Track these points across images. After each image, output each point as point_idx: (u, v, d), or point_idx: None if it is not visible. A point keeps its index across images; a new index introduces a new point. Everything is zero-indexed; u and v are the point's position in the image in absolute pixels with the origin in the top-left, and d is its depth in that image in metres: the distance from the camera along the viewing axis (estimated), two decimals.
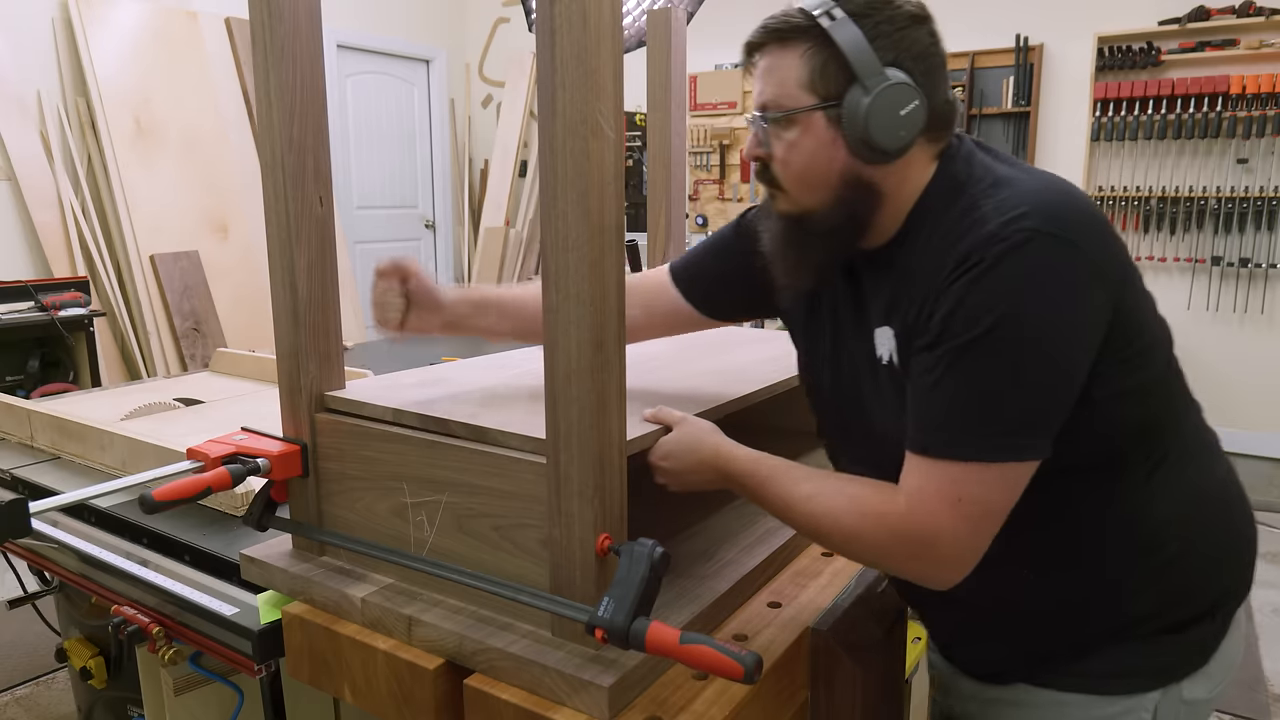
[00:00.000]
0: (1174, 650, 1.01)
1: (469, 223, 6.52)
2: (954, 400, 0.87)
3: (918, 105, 0.91)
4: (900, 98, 0.91)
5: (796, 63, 0.94)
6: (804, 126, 0.94)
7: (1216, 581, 1.04)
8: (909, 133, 0.92)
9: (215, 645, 1.17)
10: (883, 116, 0.90)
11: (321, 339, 1.10)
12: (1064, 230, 0.86)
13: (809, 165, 0.96)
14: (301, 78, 1.04)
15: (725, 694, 0.93)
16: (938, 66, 0.96)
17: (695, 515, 1.32)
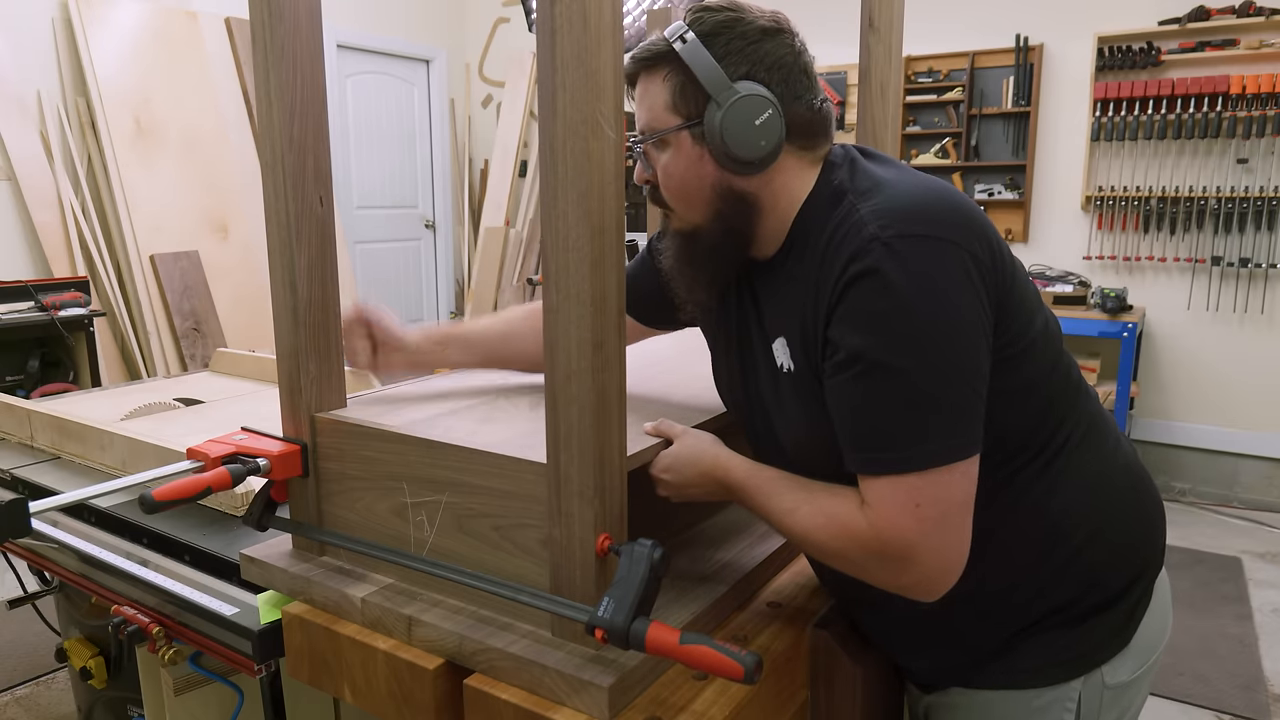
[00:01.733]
0: (1089, 637, 1.02)
1: (469, 223, 6.52)
2: (882, 417, 0.88)
3: (772, 114, 0.95)
4: (752, 109, 0.94)
5: (661, 87, 0.99)
6: (675, 146, 0.99)
7: (1128, 565, 1.05)
8: (768, 141, 0.95)
9: (215, 645, 1.17)
10: (737, 128, 0.94)
11: (321, 339, 1.10)
12: (939, 230, 0.88)
13: (684, 183, 1.00)
14: (301, 77, 1.04)
15: (725, 694, 0.93)
16: (797, 75, 0.98)
17: (695, 516, 1.32)
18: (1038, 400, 0.98)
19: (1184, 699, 2.61)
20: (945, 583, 0.91)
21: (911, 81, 4.97)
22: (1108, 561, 1.03)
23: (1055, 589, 1.01)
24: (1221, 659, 2.83)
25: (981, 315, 0.89)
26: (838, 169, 1.00)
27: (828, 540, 0.93)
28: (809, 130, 0.99)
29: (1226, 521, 4.04)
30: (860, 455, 0.90)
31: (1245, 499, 4.30)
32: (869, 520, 0.89)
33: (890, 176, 0.96)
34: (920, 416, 0.87)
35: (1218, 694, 2.64)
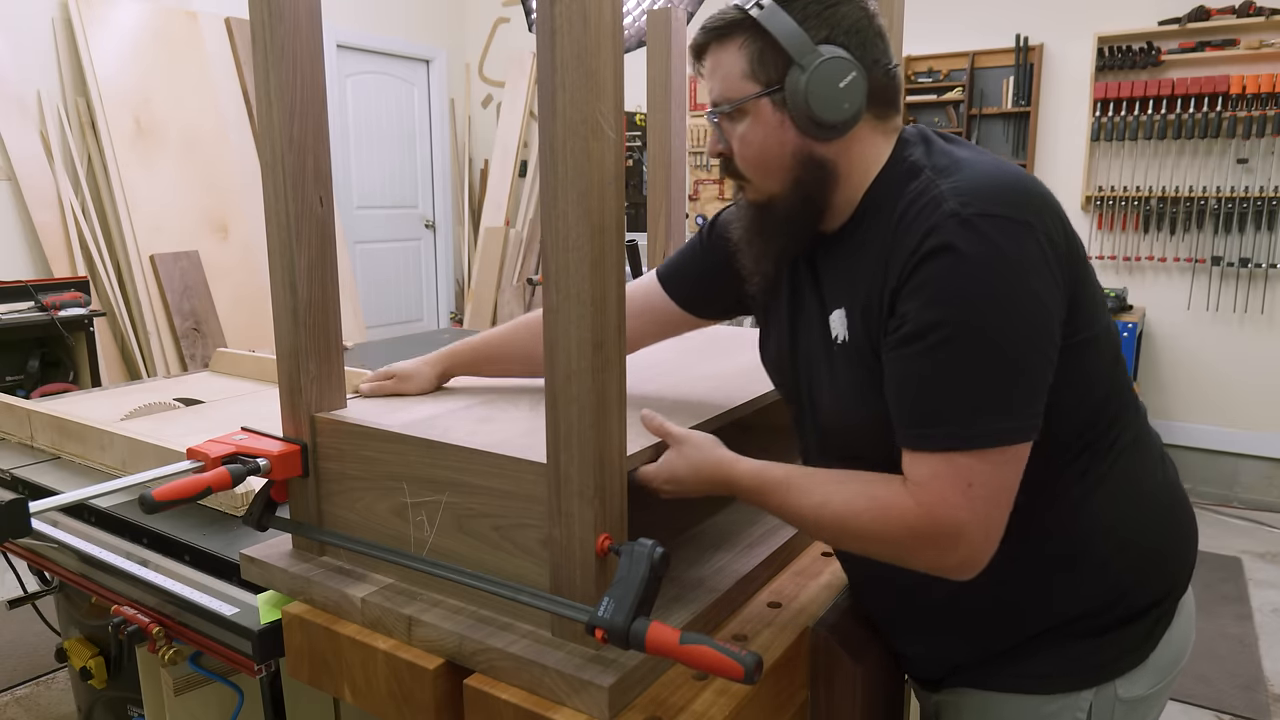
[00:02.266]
0: (1108, 649, 1.01)
1: (469, 223, 6.52)
2: (944, 393, 0.87)
3: (856, 76, 0.94)
4: (837, 70, 0.93)
5: (736, 56, 0.98)
6: (753, 115, 0.98)
7: (1156, 581, 1.03)
8: (851, 104, 0.94)
9: (215, 645, 1.17)
10: (822, 90, 0.93)
11: (321, 339, 1.10)
12: (1018, 211, 0.87)
13: (763, 151, 0.99)
14: (301, 77, 1.04)
15: (725, 694, 0.93)
16: (873, 39, 0.97)
17: (695, 515, 1.32)
18: (1093, 398, 0.97)
19: (1184, 699, 2.61)
20: (983, 563, 0.90)
21: (911, 81, 4.97)
22: (1137, 575, 1.02)
23: (1079, 595, 1.00)
24: (1221, 659, 2.83)
25: (1054, 302, 0.88)
26: (913, 145, 0.99)
27: (869, 525, 0.91)
28: (885, 96, 0.98)
29: (1226, 521, 4.03)
30: (915, 430, 0.89)
31: (1245, 499, 4.30)
32: (917, 500, 0.88)
33: (968, 156, 0.95)
34: (984, 396, 0.86)
35: (1218, 694, 2.64)
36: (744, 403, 1.22)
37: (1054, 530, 0.98)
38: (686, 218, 2.69)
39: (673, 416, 1.12)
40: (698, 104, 5.72)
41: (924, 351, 0.87)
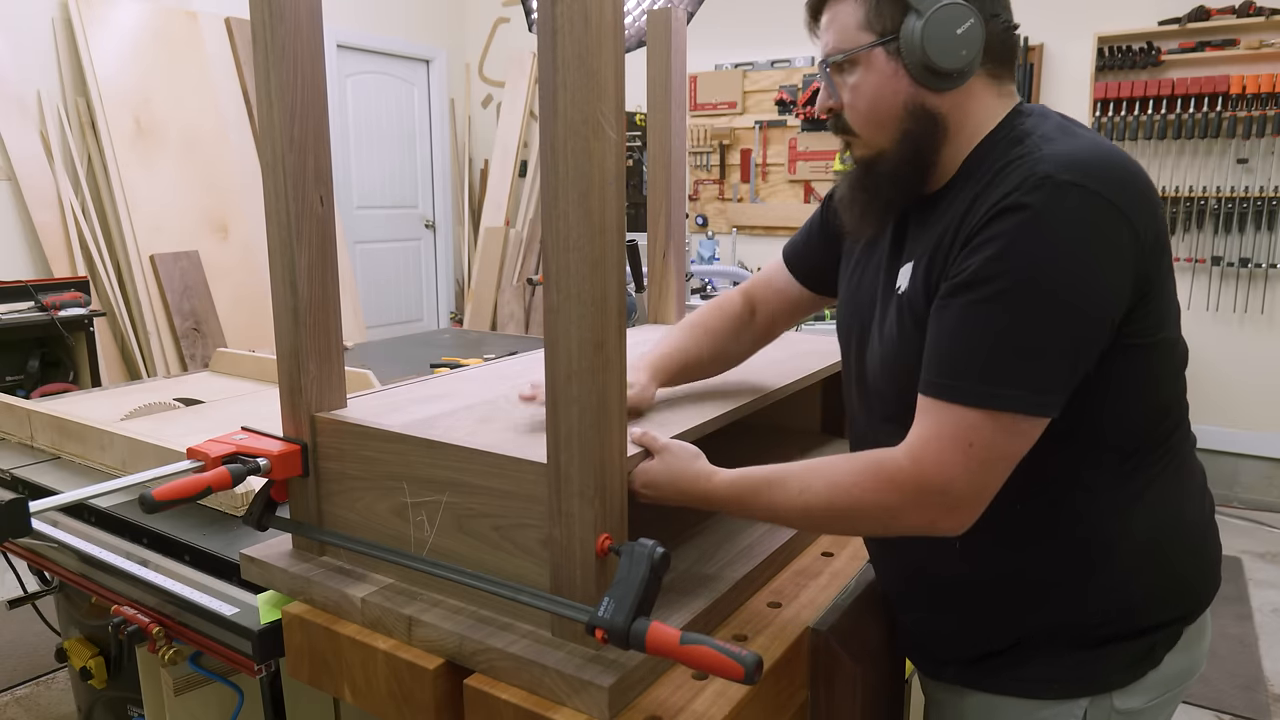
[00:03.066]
0: (1109, 660, 1.00)
1: (469, 223, 6.52)
2: (977, 347, 0.86)
3: (973, 24, 0.93)
4: (955, 15, 0.92)
5: (853, 7, 0.98)
6: (866, 65, 0.98)
7: (1168, 605, 1.02)
8: (969, 51, 0.93)
9: (215, 645, 1.17)
10: (939, 35, 0.92)
11: (321, 339, 1.10)
12: (1111, 191, 0.86)
13: (875, 101, 0.98)
14: (302, 78, 1.04)
15: (725, 694, 0.93)
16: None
17: (696, 516, 1.32)
18: (1148, 405, 0.96)
19: (1184, 699, 2.61)
20: (965, 522, 0.89)
21: None
22: (1151, 595, 1.01)
23: (1087, 604, 0.99)
24: (1221, 659, 2.83)
25: (1119, 292, 0.87)
26: (1026, 116, 0.97)
27: (857, 495, 0.91)
28: (1002, 52, 0.97)
29: (1226, 521, 4.04)
30: (938, 379, 0.88)
31: (1245, 499, 4.30)
32: (911, 456, 0.88)
33: (1081, 133, 0.94)
34: (1016, 359, 0.85)
35: (1218, 694, 2.64)
36: (745, 403, 1.22)
37: (1083, 531, 0.97)
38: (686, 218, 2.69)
39: (675, 416, 1.12)
40: (698, 104, 5.72)
41: (973, 303, 0.87)
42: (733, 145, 5.72)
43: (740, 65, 5.63)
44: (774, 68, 5.53)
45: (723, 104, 5.68)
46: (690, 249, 5.37)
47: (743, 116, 5.65)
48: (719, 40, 5.64)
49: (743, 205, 5.75)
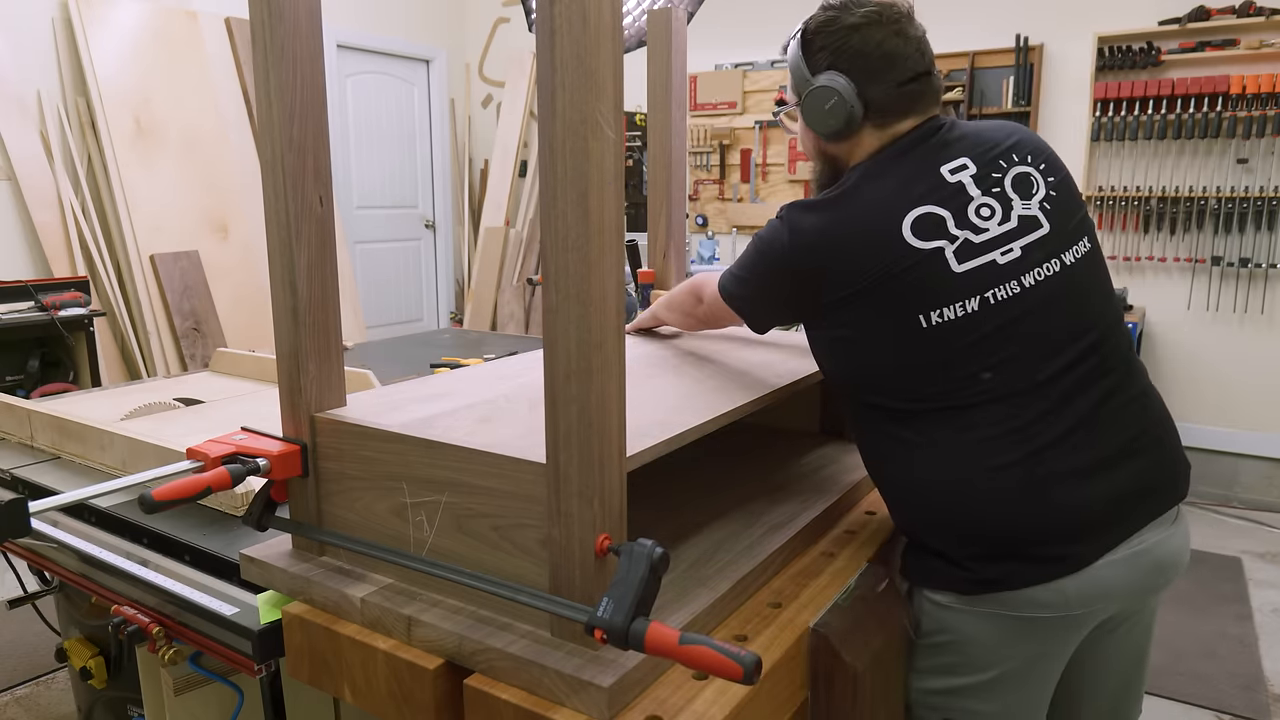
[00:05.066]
0: (921, 561, 1.24)
1: (469, 223, 6.53)
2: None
3: (838, 101, 1.22)
4: (820, 98, 1.23)
5: (788, 74, 1.31)
6: (795, 117, 1.32)
7: (947, 538, 1.20)
8: (836, 120, 1.23)
9: (215, 645, 1.17)
10: (812, 110, 1.25)
11: (321, 339, 1.10)
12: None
13: (802, 143, 1.35)
14: (301, 78, 1.04)
15: (725, 694, 0.93)
16: (877, 63, 1.22)
17: (695, 516, 1.32)
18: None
19: (1184, 699, 2.61)
20: None
21: None
22: (927, 523, 1.23)
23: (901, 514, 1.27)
24: (1221, 659, 2.83)
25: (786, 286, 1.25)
26: (860, 166, 1.25)
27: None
28: (892, 105, 1.23)
29: (1226, 521, 4.03)
30: None
31: (1245, 499, 4.30)
32: None
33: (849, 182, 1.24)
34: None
35: (1218, 694, 2.64)
36: (745, 403, 1.22)
37: (890, 460, 1.24)
38: (686, 218, 2.69)
39: (674, 416, 1.12)
40: (698, 104, 5.72)
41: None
42: (733, 145, 5.72)
43: (740, 65, 5.63)
44: (774, 68, 5.53)
45: (723, 104, 5.68)
46: (690, 249, 5.38)
47: (743, 116, 5.65)
48: (719, 40, 5.64)
49: (743, 205, 5.75)
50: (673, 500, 1.37)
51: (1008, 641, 1.20)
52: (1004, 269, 1.16)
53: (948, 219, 1.17)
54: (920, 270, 1.14)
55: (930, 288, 1.15)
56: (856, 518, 1.42)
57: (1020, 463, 1.15)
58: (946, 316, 1.15)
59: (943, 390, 1.17)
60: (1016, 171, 1.22)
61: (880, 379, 1.21)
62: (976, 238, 1.17)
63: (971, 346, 1.15)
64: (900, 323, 1.16)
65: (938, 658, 1.25)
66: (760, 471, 1.51)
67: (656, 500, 1.37)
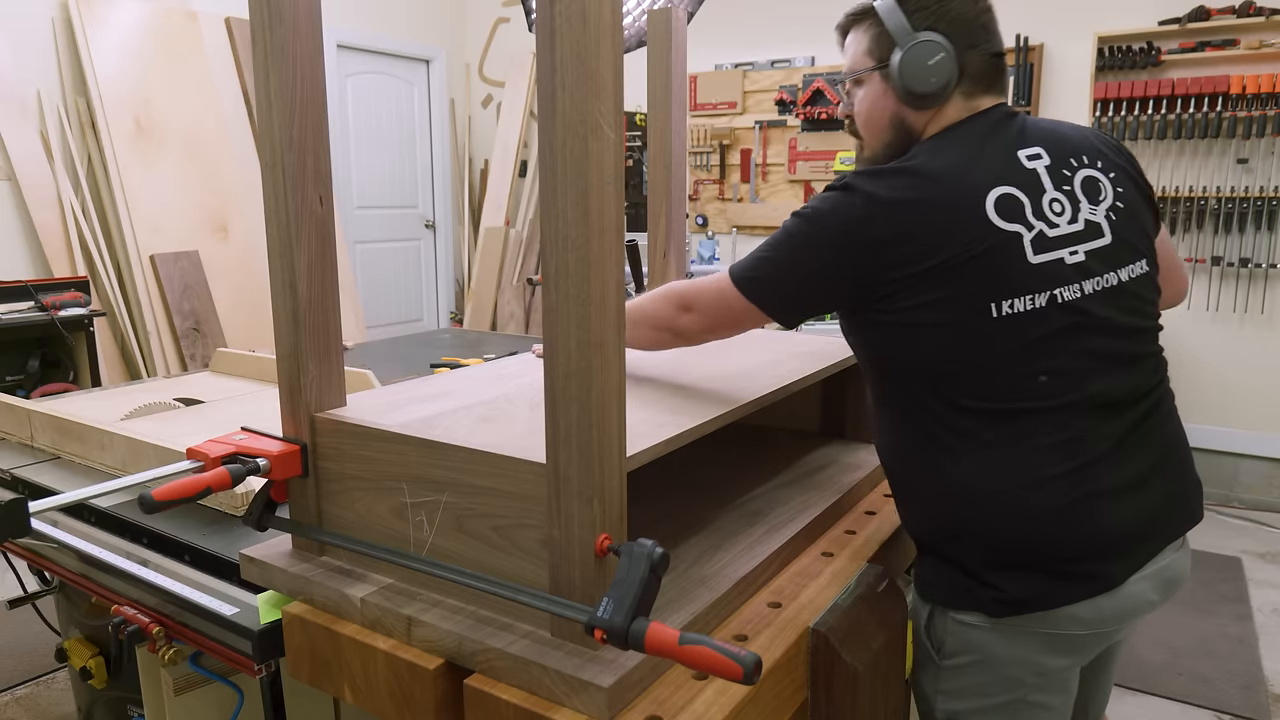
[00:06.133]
0: (945, 579, 1.19)
1: (469, 223, 6.53)
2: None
3: (944, 57, 1.16)
4: (927, 51, 1.17)
5: (863, 37, 1.24)
6: (868, 84, 1.25)
7: (981, 551, 1.16)
8: (938, 79, 1.17)
9: (215, 645, 1.17)
10: (912, 65, 1.17)
11: (321, 339, 1.10)
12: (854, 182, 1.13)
13: (870, 113, 1.25)
14: (301, 78, 1.04)
15: (725, 694, 0.93)
16: (977, 29, 1.20)
17: (696, 516, 1.32)
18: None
19: (1184, 699, 2.61)
20: None
21: None
22: (960, 533, 1.17)
23: (920, 521, 1.23)
24: (1221, 659, 2.83)
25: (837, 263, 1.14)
26: (941, 138, 1.19)
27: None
28: (979, 75, 1.20)
29: (1226, 521, 4.03)
30: None
31: (1245, 499, 4.30)
32: None
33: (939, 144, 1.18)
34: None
35: (1218, 694, 2.64)
36: (745, 403, 1.22)
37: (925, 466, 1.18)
38: (686, 218, 2.69)
39: (674, 416, 1.12)
40: (698, 104, 5.72)
41: None
42: (733, 145, 5.72)
43: (740, 65, 5.63)
44: (774, 68, 5.53)
45: (723, 104, 5.68)
46: (690, 249, 5.38)
47: (743, 116, 5.65)
48: (719, 40, 5.64)
49: (743, 205, 5.75)
50: (673, 500, 1.37)
51: (1042, 660, 1.16)
52: (1070, 270, 1.12)
53: (1026, 205, 1.12)
54: (998, 253, 1.09)
55: (1006, 274, 1.09)
56: (856, 518, 1.42)
57: (1066, 476, 1.10)
58: (1017, 308, 1.09)
59: (1000, 390, 1.11)
60: (1085, 174, 1.18)
61: (936, 371, 1.13)
62: (1050, 231, 1.12)
63: (1034, 346, 1.10)
64: (970, 308, 1.09)
65: (967, 679, 1.20)
66: (760, 471, 1.51)
67: (656, 500, 1.37)
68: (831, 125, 5.39)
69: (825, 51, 5.39)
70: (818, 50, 5.41)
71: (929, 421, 1.16)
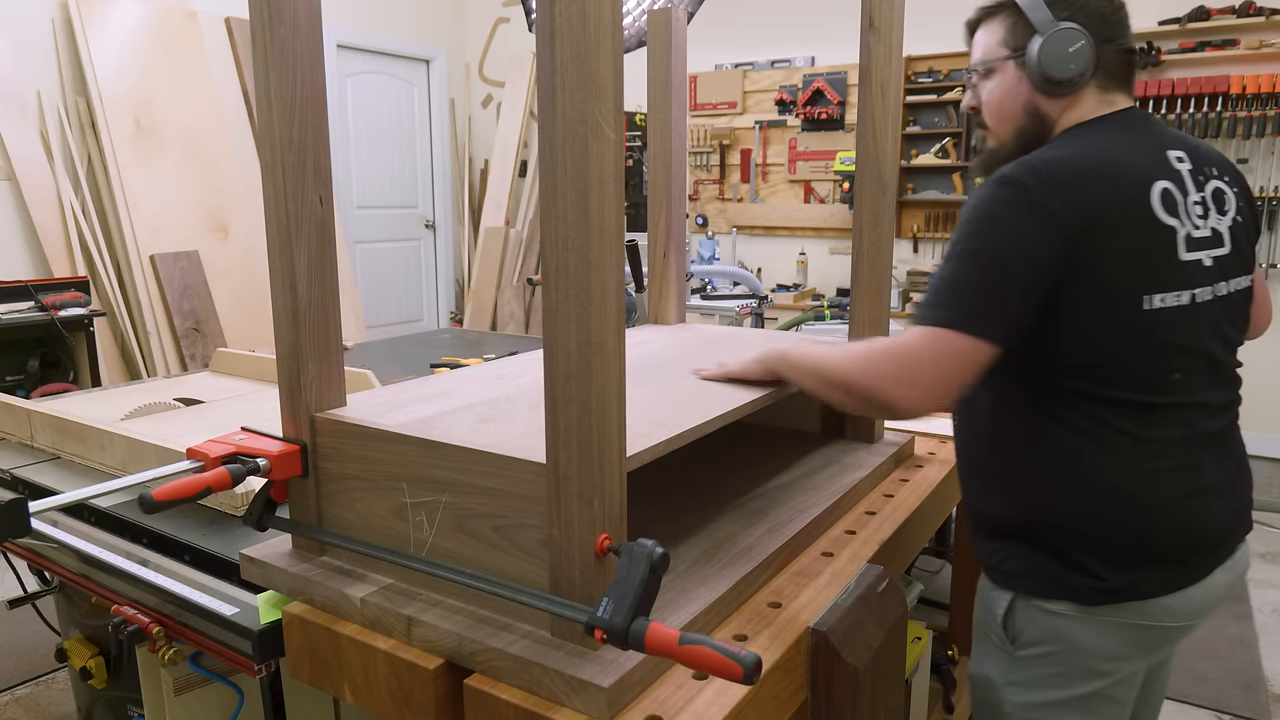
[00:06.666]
0: (1034, 567, 1.20)
1: (469, 223, 6.53)
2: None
3: (1084, 45, 1.18)
4: (1068, 39, 1.18)
5: (996, 28, 1.27)
6: (1000, 73, 1.27)
7: (1070, 540, 1.18)
8: (1077, 65, 1.18)
9: (215, 645, 1.17)
10: (1053, 51, 1.19)
11: (321, 339, 1.10)
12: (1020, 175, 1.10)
13: (1002, 101, 1.27)
14: (301, 78, 1.04)
15: (725, 694, 0.93)
16: (1113, 24, 1.22)
17: (696, 516, 1.32)
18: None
19: (1184, 699, 2.61)
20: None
21: (912, 81, 4.97)
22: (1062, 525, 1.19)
23: (1012, 509, 1.23)
24: (1221, 659, 2.83)
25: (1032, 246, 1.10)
26: (1088, 126, 1.20)
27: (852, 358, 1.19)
28: (1113, 69, 1.22)
29: None
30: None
31: None
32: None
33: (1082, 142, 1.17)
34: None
35: (1218, 694, 2.64)
36: (745, 403, 1.22)
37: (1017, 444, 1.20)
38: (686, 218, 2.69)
39: (674, 415, 1.12)
40: (698, 104, 5.72)
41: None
42: (733, 145, 5.72)
43: (740, 65, 5.63)
44: (774, 68, 5.53)
45: (723, 104, 5.68)
46: (690, 249, 5.38)
47: (743, 116, 5.65)
48: (719, 40, 5.64)
49: (743, 205, 5.75)
50: (673, 500, 1.37)
51: (1126, 651, 1.19)
52: (1205, 273, 1.16)
53: (1179, 203, 1.15)
54: (1158, 246, 1.11)
55: (1159, 268, 1.12)
56: (856, 518, 1.42)
57: (1182, 470, 1.16)
58: (1166, 303, 1.12)
59: (1137, 382, 1.13)
60: (1215, 184, 1.22)
61: (1076, 359, 1.13)
62: (1195, 232, 1.15)
63: (1173, 342, 1.13)
64: (1125, 297, 1.10)
65: (1042, 669, 1.21)
66: (760, 471, 1.51)
67: (656, 500, 1.37)
68: (831, 125, 5.39)
69: (825, 51, 5.39)
70: (818, 50, 5.41)
71: (1053, 408, 1.15)
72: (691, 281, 4.51)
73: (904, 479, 1.56)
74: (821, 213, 5.52)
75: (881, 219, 1.54)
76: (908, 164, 5.07)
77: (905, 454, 1.66)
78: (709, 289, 4.76)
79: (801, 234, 5.62)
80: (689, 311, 2.99)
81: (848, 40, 5.26)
